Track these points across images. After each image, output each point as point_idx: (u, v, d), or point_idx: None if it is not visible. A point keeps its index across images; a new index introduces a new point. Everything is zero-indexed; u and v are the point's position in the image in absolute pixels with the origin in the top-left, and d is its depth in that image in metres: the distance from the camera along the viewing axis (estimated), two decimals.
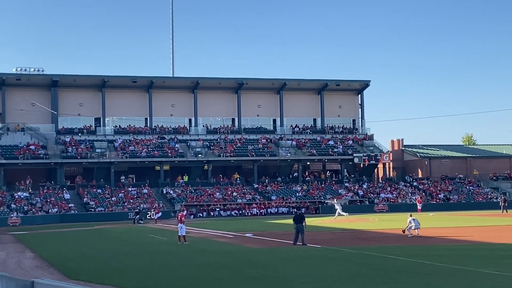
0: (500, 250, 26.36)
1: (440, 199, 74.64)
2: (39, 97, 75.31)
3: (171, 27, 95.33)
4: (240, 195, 70.67)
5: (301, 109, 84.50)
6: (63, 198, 65.47)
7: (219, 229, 43.91)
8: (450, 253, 24.95)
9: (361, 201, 72.68)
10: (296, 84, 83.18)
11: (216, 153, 75.02)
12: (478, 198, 75.62)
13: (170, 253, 27.85)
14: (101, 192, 68.33)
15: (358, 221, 50.64)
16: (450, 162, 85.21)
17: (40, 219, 59.24)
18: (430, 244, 29.17)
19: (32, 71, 75.99)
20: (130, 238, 38.84)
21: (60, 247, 33.34)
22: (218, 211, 67.50)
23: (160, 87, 79.12)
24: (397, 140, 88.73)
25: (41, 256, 28.05)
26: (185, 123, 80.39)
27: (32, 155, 69.03)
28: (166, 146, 74.91)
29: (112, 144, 74.40)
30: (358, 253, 25.69)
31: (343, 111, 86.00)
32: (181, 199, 67.89)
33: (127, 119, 78.32)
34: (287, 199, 70.61)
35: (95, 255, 27.99)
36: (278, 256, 25.72)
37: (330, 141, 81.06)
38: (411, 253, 24.79)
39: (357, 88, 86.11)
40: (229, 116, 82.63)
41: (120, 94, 78.55)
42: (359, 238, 33.91)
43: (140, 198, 67.56)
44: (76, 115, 76.33)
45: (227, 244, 32.11)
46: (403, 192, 75.56)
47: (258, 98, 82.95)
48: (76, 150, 71.21)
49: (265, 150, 77.35)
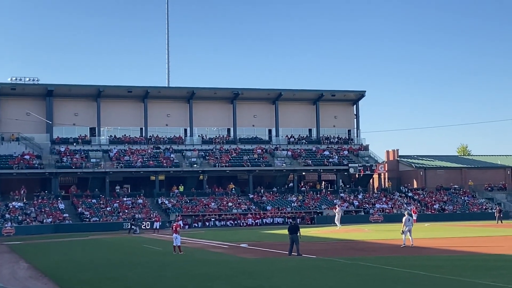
0: (495, 260, 26.33)
1: (435, 209, 74.63)
2: (34, 106, 75.21)
3: (167, 36, 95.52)
4: (235, 205, 70.55)
5: (297, 119, 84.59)
6: (57, 208, 65.24)
7: (214, 239, 43.80)
8: (445, 264, 24.92)
9: (356, 211, 72.62)
10: (291, 95, 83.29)
11: (211, 163, 74.96)
12: (473, 209, 75.64)
13: (165, 263, 27.74)
14: (96, 202, 68.13)
15: (353, 231, 50.58)
16: (445, 173, 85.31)
17: (34, 229, 59.00)
18: (425, 255, 29.14)
19: (27, 80, 75.89)
20: (125, 249, 38.72)
21: (54, 257, 33.19)
22: (213, 221, 67.35)
23: (155, 97, 79.13)
24: (392, 150, 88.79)
25: (35, 266, 27.92)
26: (181, 133, 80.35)
27: (26, 164, 68.86)
28: (161, 156, 74.82)
29: (107, 154, 74.26)
30: (353, 264, 25.64)
31: (338, 121, 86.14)
32: (176, 209, 67.72)
33: (122, 129, 78.27)
34: (282, 209, 70.51)
35: (89, 265, 27.86)
36: (273, 267, 25.65)
37: (325, 152, 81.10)
38: (406, 264, 24.75)
39: (353, 99, 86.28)
40: (225, 126, 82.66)
41: (116, 104, 78.52)
42: (354, 249, 33.84)
43: (135, 208, 67.37)
44: (71, 124, 76.25)
45: (222, 255, 32.02)
46: (398, 203, 75.55)
47: (253, 108, 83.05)
48: (71, 160, 71.05)
49: (260, 160, 77.33)
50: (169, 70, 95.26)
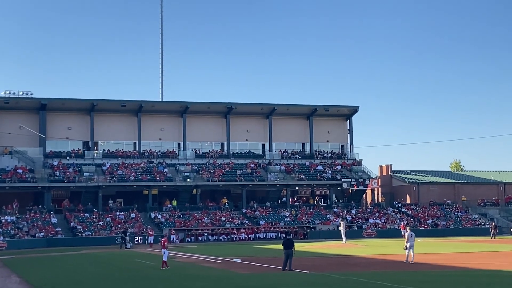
0: (487, 276, 26.36)
1: (428, 225, 74.68)
2: (27, 120, 75.10)
3: (161, 51, 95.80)
4: (228, 220, 70.44)
5: (290, 134, 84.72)
6: (50, 222, 64.96)
7: (207, 254, 43.67)
8: (437, 279, 24.94)
9: (349, 226, 72.51)
10: (285, 109, 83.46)
11: (204, 177, 74.90)
12: (466, 224, 75.73)
13: (157, 278, 27.64)
14: (89, 216, 67.88)
15: (346, 246, 50.56)
16: (438, 188, 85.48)
17: (26, 243, 58.72)
18: (418, 270, 29.13)
19: (21, 94, 75.79)
20: (117, 263, 38.55)
21: (46, 271, 33.04)
22: (206, 235, 67.18)
23: (149, 111, 79.16)
24: (386, 165, 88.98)
25: (27, 281, 27.77)
26: (174, 147, 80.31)
27: (19, 178, 68.62)
28: (155, 170, 74.72)
29: (100, 168, 74.12)
30: (346, 279, 25.63)
31: (331, 136, 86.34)
32: (169, 223, 67.55)
33: (116, 143, 78.22)
34: (275, 224, 70.41)
35: (82, 280, 27.73)
36: (266, 282, 25.60)
37: (318, 166, 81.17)
38: (399, 279, 24.75)
39: (346, 114, 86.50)
40: (218, 140, 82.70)
41: (109, 118, 78.50)
42: (347, 264, 33.81)
43: (128, 223, 67.14)
44: (64, 138, 76.17)
45: (215, 270, 31.93)
46: (391, 218, 75.57)
47: (247, 122, 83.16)
48: (64, 174, 70.86)
49: (253, 175, 77.32)
50: (163, 85, 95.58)
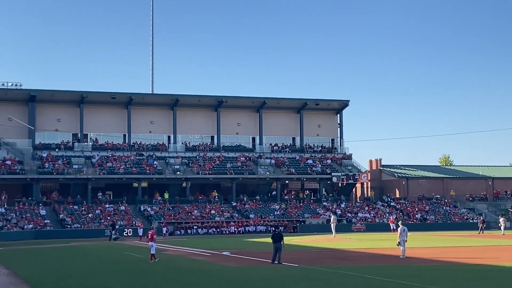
0: (475, 270, 26.51)
1: (417, 219, 75.00)
2: (16, 112, 74.69)
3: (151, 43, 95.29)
4: (218, 213, 70.44)
5: (280, 128, 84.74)
6: (39, 214, 64.74)
7: (196, 247, 43.67)
8: (426, 274, 25.05)
9: (338, 220, 72.65)
10: (275, 103, 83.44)
11: (194, 170, 74.83)
12: (454, 219, 76.14)
13: (147, 271, 27.61)
14: (78, 208, 67.70)
15: (336, 240, 50.70)
16: (427, 183, 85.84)
17: (15, 235, 58.48)
18: (406, 264, 29.26)
19: (10, 85, 75.35)
20: (107, 256, 38.50)
21: (35, 264, 32.95)
22: (196, 229, 67.17)
23: (139, 103, 78.94)
24: (375, 160, 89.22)
25: (15, 273, 27.68)
26: (164, 140, 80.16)
27: (8, 170, 68.31)
28: (145, 163, 74.56)
29: (90, 160, 73.88)
30: (335, 273, 25.70)
31: (322, 130, 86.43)
32: (159, 216, 67.47)
33: (105, 135, 77.96)
34: (265, 218, 70.49)
35: (70, 273, 27.66)
36: (255, 275, 25.64)
37: (308, 160, 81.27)
38: (387, 273, 24.85)
39: (336, 108, 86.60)
40: (208, 133, 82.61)
41: (99, 110, 78.20)
42: (336, 258, 33.90)
43: (117, 215, 67.03)
44: (53, 130, 75.83)
45: (205, 263, 31.93)
46: (380, 212, 75.84)
47: (237, 116, 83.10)
48: (53, 166, 70.59)
49: (244, 168, 77.31)
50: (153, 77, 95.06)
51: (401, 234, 32.65)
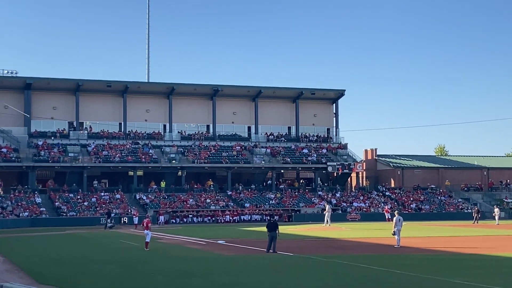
0: (469, 260, 26.64)
1: (412, 209, 75.22)
2: (12, 99, 74.55)
3: (147, 32, 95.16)
4: (213, 202, 70.54)
5: (276, 117, 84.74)
6: (34, 202, 64.77)
7: (192, 235, 43.75)
8: (421, 263, 25.17)
9: (334, 209, 72.84)
10: (271, 92, 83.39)
11: (190, 159, 74.84)
12: (449, 209, 76.39)
13: (142, 259, 27.68)
14: (73, 196, 67.74)
15: (331, 229, 50.85)
16: (422, 172, 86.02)
17: (10, 223, 58.54)
18: (400, 254, 29.37)
19: (6, 73, 75.15)
20: (102, 244, 38.56)
21: (30, 251, 32.99)
22: (191, 217, 67.31)
23: (135, 92, 78.81)
24: (371, 149, 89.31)
25: (11, 260, 27.71)
26: (160, 128, 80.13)
27: (3, 158, 68.24)
28: (140, 151, 74.54)
29: (86, 148, 73.83)
30: (329, 262, 25.79)
31: (317, 119, 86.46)
32: (154, 205, 67.55)
33: (101, 124, 77.88)
34: (260, 207, 70.65)
35: (66, 260, 27.71)
36: (250, 264, 25.72)
37: (304, 150, 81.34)
38: (381, 262, 24.95)
39: (332, 97, 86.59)
40: (204, 122, 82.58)
41: (95, 98, 78.08)
42: (331, 247, 34.01)
43: (113, 204, 67.08)
44: (49, 118, 75.73)
45: (200, 251, 32.01)
46: (375, 202, 76.02)
47: (233, 105, 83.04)
48: (49, 153, 70.54)
49: (239, 157, 77.36)
50: (149, 66, 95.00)
51: (396, 223, 32.79)
